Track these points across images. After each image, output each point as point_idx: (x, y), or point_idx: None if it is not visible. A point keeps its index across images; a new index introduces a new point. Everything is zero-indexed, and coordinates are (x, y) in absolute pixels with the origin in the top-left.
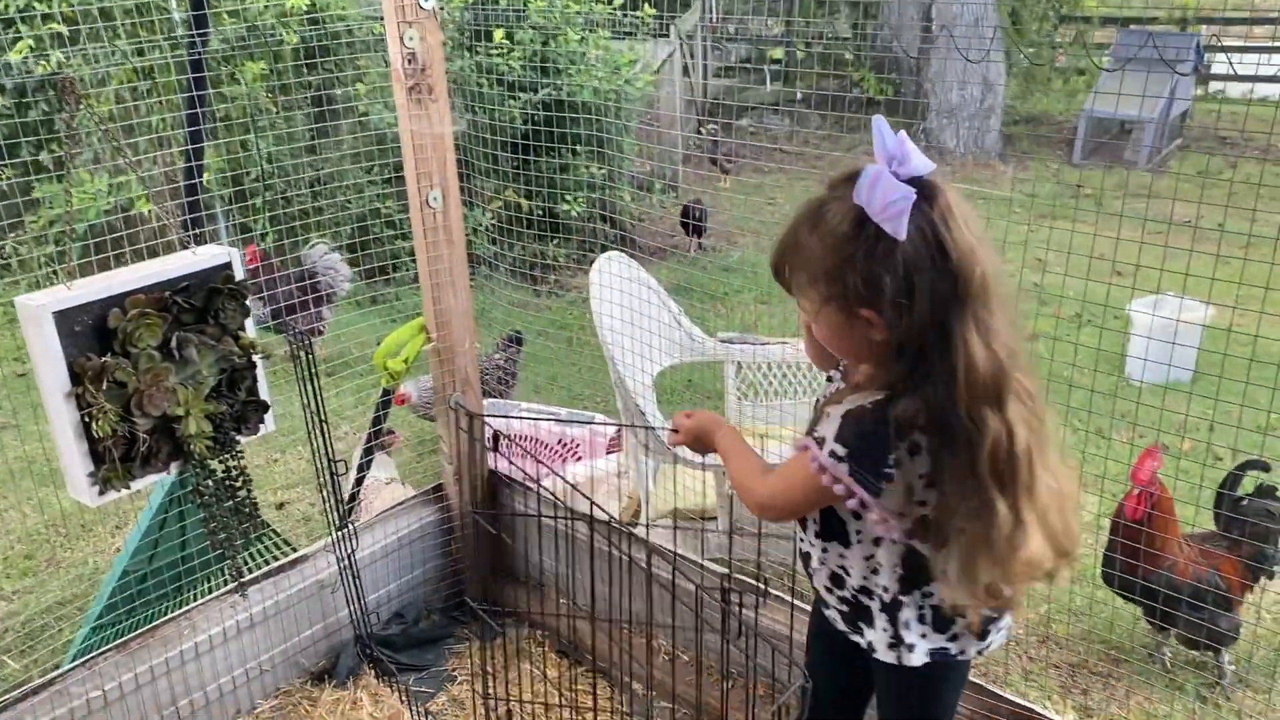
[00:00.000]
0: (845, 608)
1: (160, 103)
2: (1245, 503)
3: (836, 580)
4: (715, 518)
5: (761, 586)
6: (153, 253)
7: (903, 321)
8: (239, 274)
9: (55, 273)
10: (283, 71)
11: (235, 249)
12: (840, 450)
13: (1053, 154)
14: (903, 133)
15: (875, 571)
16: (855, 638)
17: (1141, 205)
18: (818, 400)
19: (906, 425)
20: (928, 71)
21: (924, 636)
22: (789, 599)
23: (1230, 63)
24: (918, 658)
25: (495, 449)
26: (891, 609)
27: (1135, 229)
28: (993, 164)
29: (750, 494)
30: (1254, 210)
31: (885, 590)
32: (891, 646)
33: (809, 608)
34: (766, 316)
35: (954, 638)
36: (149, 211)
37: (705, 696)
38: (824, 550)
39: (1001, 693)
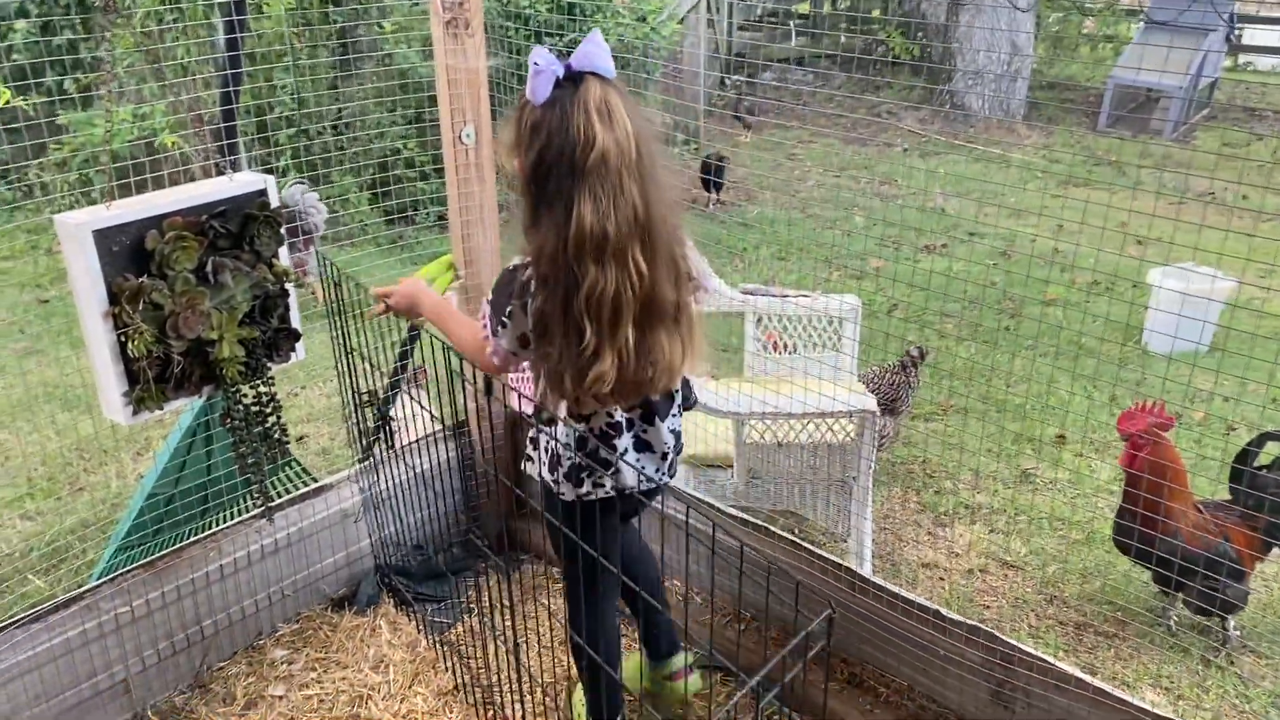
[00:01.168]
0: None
1: (185, 31)
2: (1262, 474)
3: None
4: (731, 466)
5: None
6: (175, 183)
7: (526, 163)
8: (274, 201)
9: (78, 200)
10: (308, 6)
11: (271, 178)
12: (490, 297)
13: (1077, 120)
14: (597, 35)
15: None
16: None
17: (1165, 176)
18: None
19: (522, 287)
20: (955, 32)
21: (542, 464)
22: (804, 543)
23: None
24: (537, 471)
25: (489, 393)
26: (528, 425)
27: (1157, 199)
28: (1016, 128)
29: (479, 354)
30: None
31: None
32: (529, 460)
33: (812, 548)
34: (784, 272)
35: (567, 476)
36: (172, 144)
37: (719, 636)
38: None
39: (1014, 641)
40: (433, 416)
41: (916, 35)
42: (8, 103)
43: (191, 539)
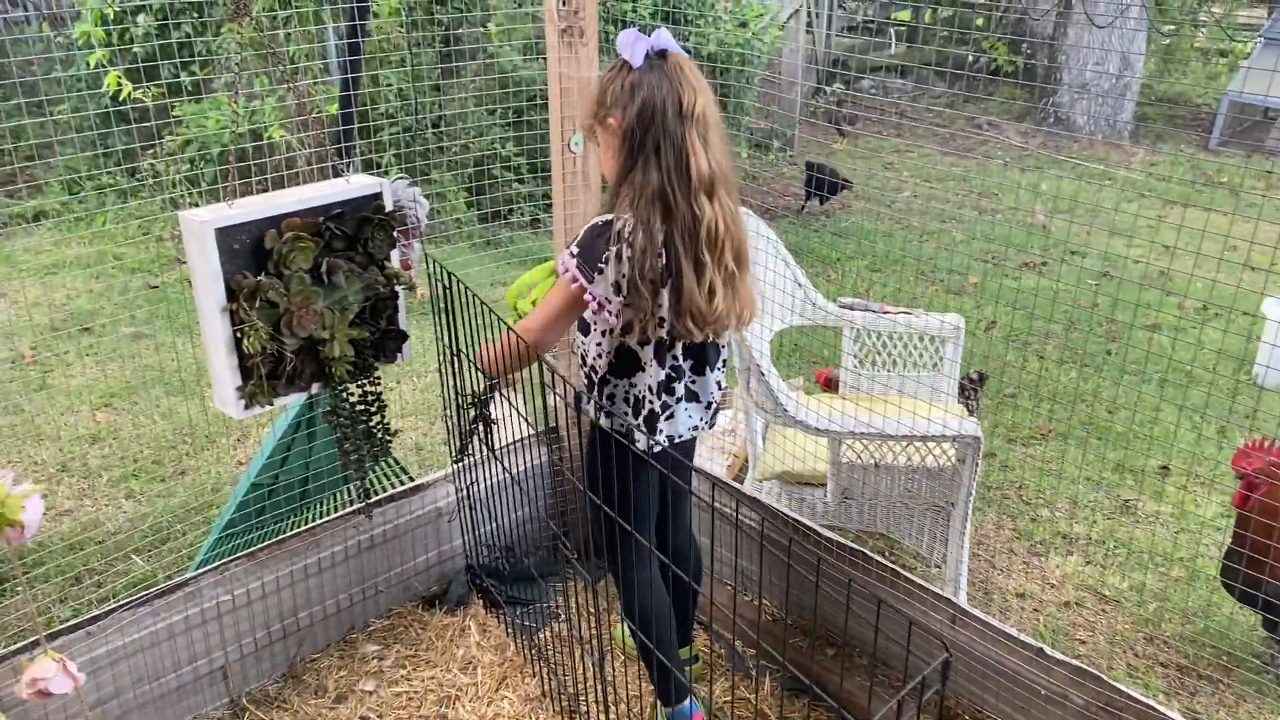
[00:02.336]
0: (584, 379)
1: (298, 34)
2: None
3: (582, 359)
4: (824, 484)
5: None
6: (283, 177)
7: (627, 116)
8: (389, 205)
9: (189, 192)
10: (414, 7)
11: (385, 180)
12: (575, 250)
13: (1188, 138)
14: (662, 29)
15: (600, 356)
16: (585, 405)
17: None
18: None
19: (617, 235)
20: (1063, 44)
21: (625, 414)
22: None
23: None
24: (611, 424)
25: (579, 409)
26: (602, 385)
27: (1273, 222)
28: (1124, 145)
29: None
30: None
31: (597, 371)
32: (599, 409)
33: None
34: (878, 285)
35: (644, 423)
36: (281, 138)
37: (815, 663)
38: (581, 340)
39: (1122, 686)
40: (525, 420)
41: (1021, 47)
42: (129, 96)
43: (291, 532)
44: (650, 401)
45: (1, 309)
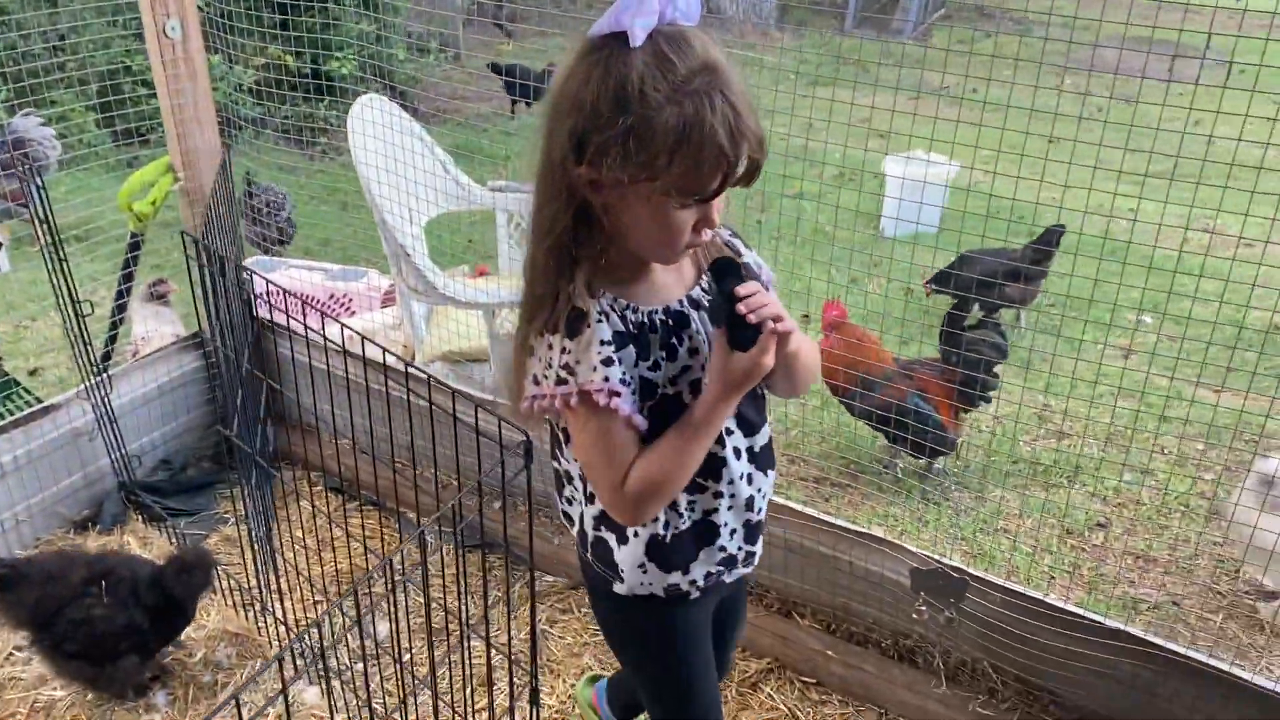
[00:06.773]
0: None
1: None
2: (965, 333)
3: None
4: (486, 359)
5: None
6: None
7: None
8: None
9: None
10: None
11: None
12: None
13: (826, 23)
14: None
15: None
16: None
17: (905, 73)
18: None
19: None
20: None
21: None
22: None
23: None
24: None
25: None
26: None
27: (897, 95)
28: (769, 31)
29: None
30: (1013, 82)
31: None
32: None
33: None
34: None
35: None
36: None
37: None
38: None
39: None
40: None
41: None
42: None
43: None
44: None
45: None
